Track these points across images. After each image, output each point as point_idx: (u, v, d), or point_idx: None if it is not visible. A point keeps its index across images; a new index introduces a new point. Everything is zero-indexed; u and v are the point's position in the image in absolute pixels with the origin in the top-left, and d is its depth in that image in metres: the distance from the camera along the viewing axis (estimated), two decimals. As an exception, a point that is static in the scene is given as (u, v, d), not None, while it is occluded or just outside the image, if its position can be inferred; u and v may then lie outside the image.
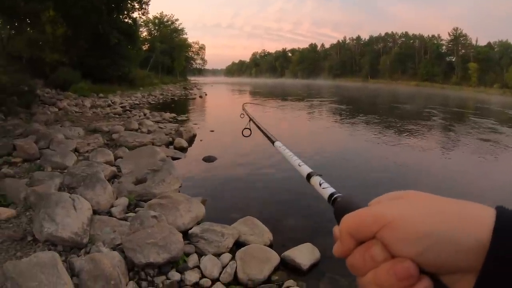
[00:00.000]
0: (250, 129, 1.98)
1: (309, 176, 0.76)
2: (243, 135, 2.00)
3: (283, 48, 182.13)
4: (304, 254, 4.01)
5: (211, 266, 3.70)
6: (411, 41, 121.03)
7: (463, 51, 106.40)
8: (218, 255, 3.93)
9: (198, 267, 3.77)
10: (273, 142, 1.25)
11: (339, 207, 0.53)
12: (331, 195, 0.61)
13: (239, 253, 3.89)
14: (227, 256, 3.91)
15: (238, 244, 4.21)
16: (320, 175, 0.73)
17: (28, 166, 6.87)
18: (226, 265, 3.77)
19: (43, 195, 4.69)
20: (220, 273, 3.68)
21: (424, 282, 0.37)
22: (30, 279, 2.89)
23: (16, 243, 3.98)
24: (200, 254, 3.97)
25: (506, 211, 0.37)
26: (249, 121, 2.00)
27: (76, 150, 8.14)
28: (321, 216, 5.16)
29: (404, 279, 0.37)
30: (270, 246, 4.27)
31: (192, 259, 3.84)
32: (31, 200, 4.85)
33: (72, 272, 3.28)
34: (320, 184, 0.68)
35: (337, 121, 18.23)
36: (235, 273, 3.69)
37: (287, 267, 3.92)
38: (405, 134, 14.28)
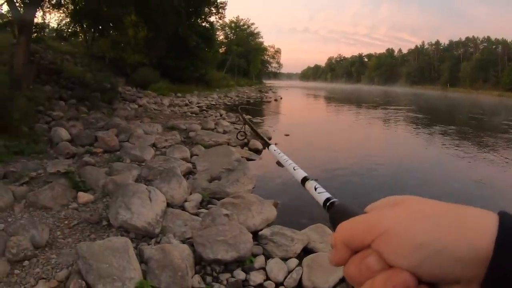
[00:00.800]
0: (245, 133, 1.93)
1: (304, 180, 0.73)
2: (237, 138, 1.95)
3: (359, 53, 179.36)
4: (373, 267, 3.82)
5: (277, 270, 3.66)
6: (494, 46, 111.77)
7: None
8: (285, 259, 3.87)
9: (264, 269, 3.74)
10: (267, 146, 1.20)
11: (334, 214, 0.51)
12: (327, 200, 0.58)
13: (306, 260, 3.81)
14: (294, 261, 3.84)
15: (306, 251, 4.13)
16: (315, 180, 0.69)
17: (108, 156, 7.31)
18: (292, 270, 3.71)
19: (121, 184, 4.95)
20: (285, 278, 3.63)
21: None
22: (102, 261, 3.04)
23: (91, 226, 4.24)
24: (268, 256, 3.94)
25: (510, 217, 0.34)
26: (244, 124, 1.96)
27: (154, 145, 8.52)
28: None
29: None
30: (339, 255, 4.12)
31: (259, 261, 3.82)
32: (109, 188, 5.12)
33: (141, 259, 3.39)
34: (315, 189, 0.65)
35: (414, 132, 17.32)
36: (300, 279, 3.61)
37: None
38: (487, 148, 13.22)
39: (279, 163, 5.13)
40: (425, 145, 13.93)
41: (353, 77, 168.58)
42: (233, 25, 74.20)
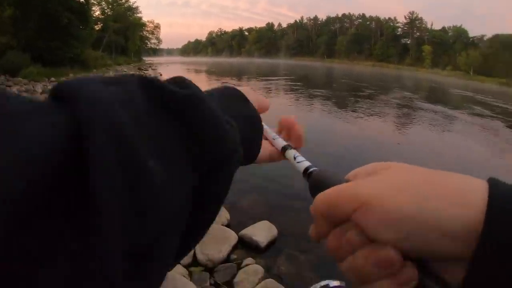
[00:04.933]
0: None
1: (283, 150, 0.69)
2: None
3: (239, 27, 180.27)
4: (261, 232, 4.08)
5: (170, 249, 3.69)
6: (368, 22, 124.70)
7: (418, 34, 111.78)
8: (176, 237, 3.92)
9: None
10: None
11: (314, 183, 0.49)
12: (306, 169, 0.55)
13: (196, 234, 3.90)
14: (184, 238, 3.91)
15: (196, 225, 4.21)
16: (294, 149, 0.66)
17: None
18: (185, 247, 3.77)
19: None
20: (179, 255, 3.68)
21: (408, 271, 0.32)
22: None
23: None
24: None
25: (501, 186, 0.31)
26: None
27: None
28: (277, 193, 5.26)
29: (385, 267, 0.32)
30: (228, 225, 4.30)
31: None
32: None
33: None
34: (294, 158, 0.61)
35: (294, 97, 18.58)
36: (194, 254, 3.70)
37: (246, 245, 3.98)
38: (356, 109, 14.65)
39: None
40: (299, 108, 14.87)
41: (234, 51, 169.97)
42: (110, -1, 69.77)
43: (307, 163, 0.56)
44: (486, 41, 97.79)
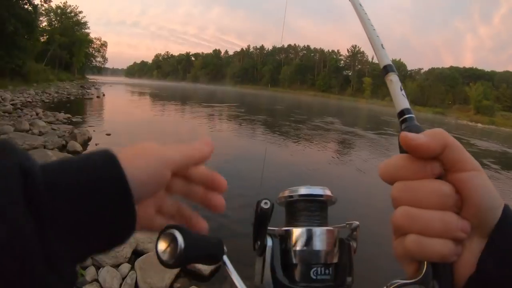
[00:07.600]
0: None
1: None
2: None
3: (186, 52, 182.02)
4: (204, 259, 4.01)
5: (110, 278, 3.56)
6: (312, 54, 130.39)
7: (359, 66, 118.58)
8: (116, 266, 3.79)
9: (96, 280, 3.59)
10: None
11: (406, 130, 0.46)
12: (402, 112, 0.50)
13: (138, 263, 3.81)
14: (126, 267, 3.79)
15: (137, 253, 4.09)
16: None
17: None
18: (126, 276, 3.66)
19: None
20: (121, 285, 3.56)
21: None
22: None
23: None
24: (98, 266, 3.78)
25: None
26: None
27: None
28: (218, 219, 5.12)
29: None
30: (170, 252, 4.19)
31: (90, 272, 3.65)
32: None
33: None
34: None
35: (236, 123, 19.06)
36: (136, 283, 3.60)
37: (189, 273, 3.90)
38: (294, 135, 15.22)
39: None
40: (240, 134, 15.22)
41: (180, 75, 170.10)
42: (59, 11, 67.43)
43: (406, 104, 0.51)
44: (422, 74, 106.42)
